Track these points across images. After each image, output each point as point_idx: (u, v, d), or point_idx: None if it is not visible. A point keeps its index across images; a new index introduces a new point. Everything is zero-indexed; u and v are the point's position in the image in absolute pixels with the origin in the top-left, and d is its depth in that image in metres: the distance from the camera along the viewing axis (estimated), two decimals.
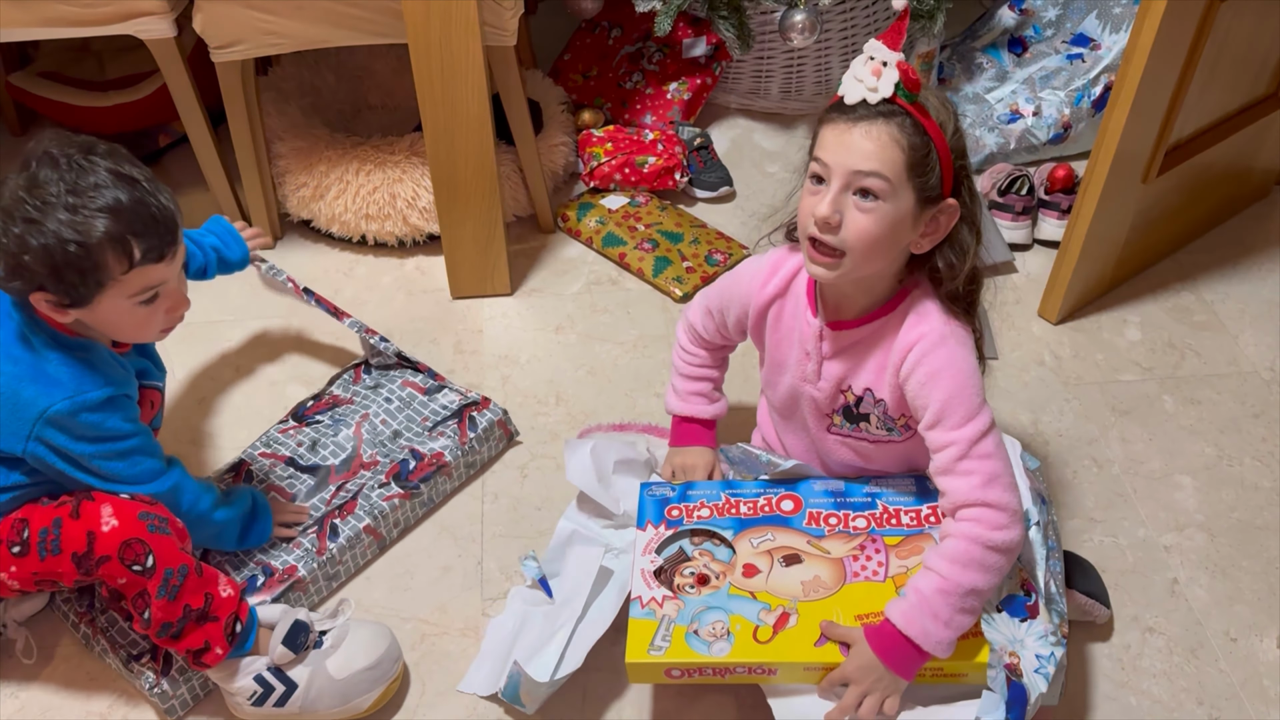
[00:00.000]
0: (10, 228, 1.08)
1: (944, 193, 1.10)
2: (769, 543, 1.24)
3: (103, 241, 1.08)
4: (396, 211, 1.87)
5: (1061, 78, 2.12)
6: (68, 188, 1.07)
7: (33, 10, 1.64)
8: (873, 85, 1.04)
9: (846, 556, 1.22)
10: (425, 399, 1.58)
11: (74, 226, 1.07)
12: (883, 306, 1.17)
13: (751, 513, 1.28)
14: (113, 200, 1.08)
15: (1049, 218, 1.94)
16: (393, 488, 1.46)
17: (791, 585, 1.20)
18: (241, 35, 1.68)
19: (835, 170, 1.07)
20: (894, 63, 1.04)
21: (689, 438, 1.40)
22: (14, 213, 1.08)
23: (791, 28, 2.02)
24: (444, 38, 1.56)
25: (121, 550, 1.15)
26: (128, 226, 1.09)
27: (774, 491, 1.30)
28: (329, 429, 1.55)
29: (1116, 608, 1.39)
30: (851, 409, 1.23)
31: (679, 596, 1.19)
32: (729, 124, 2.27)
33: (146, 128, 2.10)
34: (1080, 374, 1.72)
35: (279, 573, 1.36)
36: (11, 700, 1.30)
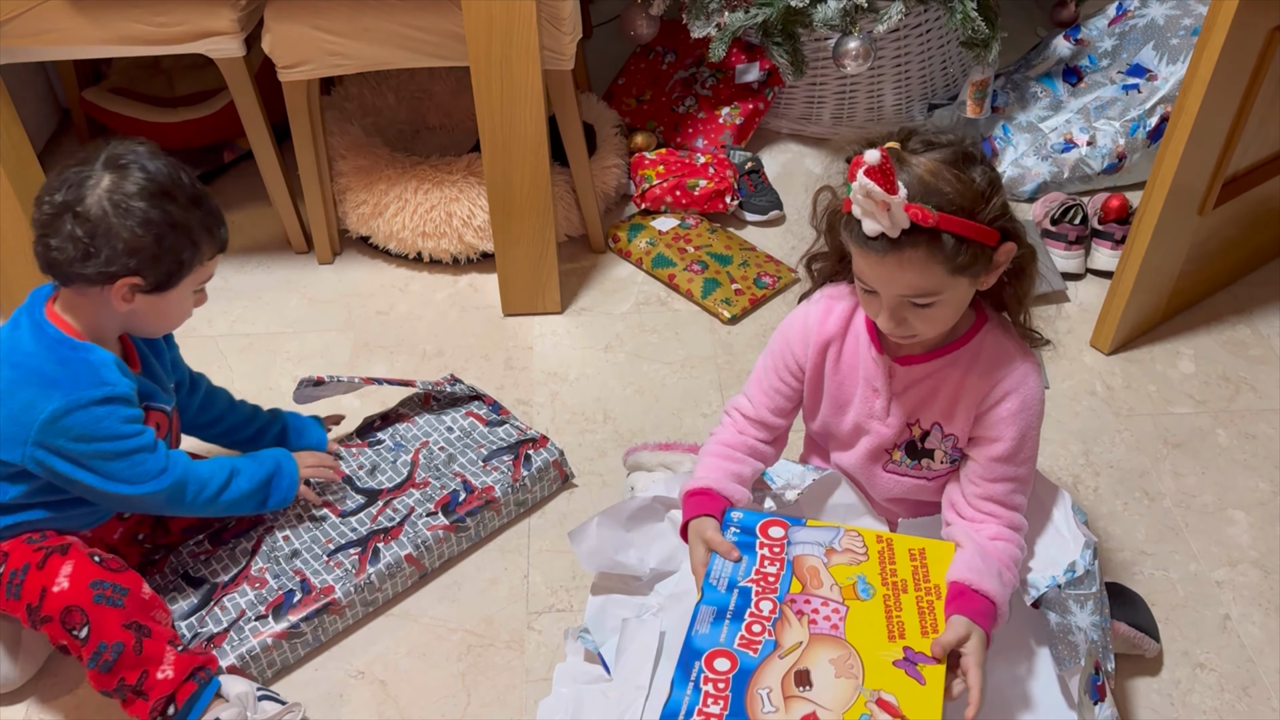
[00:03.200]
0: (149, 213, 1.16)
1: (992, 245, 1.06)
2: (774, 694, 1.06)
3: (207, 231, 1.22)
4: (452, 229, 1.90)
5: (1117, 108, 2.12)
6: (189, 183, 1.21)
7: (109, 28, 1.70)
8: (887, 224, 1.00)
9: (810, 628, 1.10)
10: (486, 430, 1.58)
11: (198, 218, 1.21)
12: (955, 341, 1.15)
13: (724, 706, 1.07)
14: (203, 194, 1.22)
15: (1102, 247, 1.93)
16: (440, 518, 1.45)
17: (835, 691, 1.05)
18: (308, 56, 1.73)
19: (883, 293, 1.07)
20: (898, 207, 0.98)
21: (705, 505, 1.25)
22: (151, 203, 1.17)
23: (845, 54, 2.03)
24: (504, 61, 1.59)
25: (63, 614, 1.18)
26: (216, 219, 1.24)
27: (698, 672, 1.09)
28: (389, 453, 1.55)
29: (1166, 642, 1.37)
30: (916, 444, 1.20)
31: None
32: (780, 148, 2.29)
33: (212, 144, 2.16)
34: (1133, 405, 1.70)
35: (315, 591, 1.37)
36: (70, 696, 1.34)
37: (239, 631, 1.33)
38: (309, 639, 1.36)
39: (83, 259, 1.16)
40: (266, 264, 1.99)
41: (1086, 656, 1.14)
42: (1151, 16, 2.16)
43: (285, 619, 1.34)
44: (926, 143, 1.04)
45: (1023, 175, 2.11)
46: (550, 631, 1.40)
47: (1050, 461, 1.61)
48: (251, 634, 1.33)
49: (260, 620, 1.34)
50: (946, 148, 1.03)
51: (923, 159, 1.02)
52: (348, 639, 1.39)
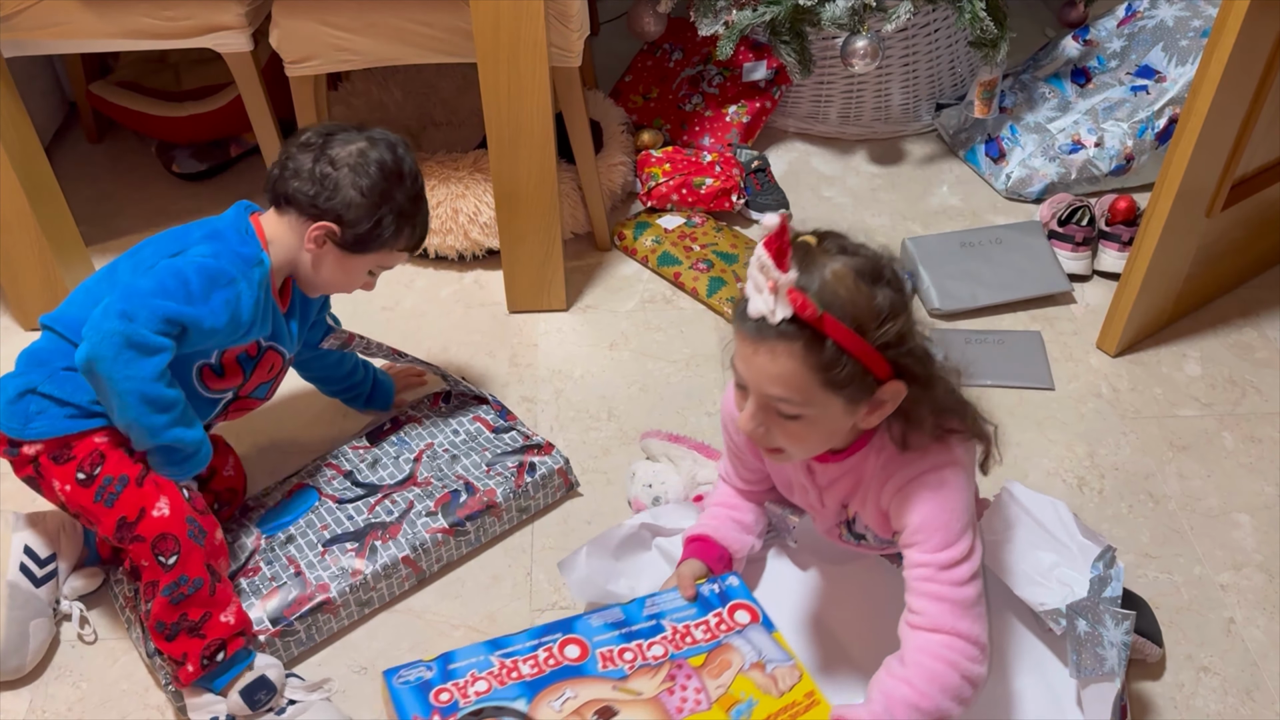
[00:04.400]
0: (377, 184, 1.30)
1: (880, 377, 0.99)
2: (572, 701, 1.07)
3: (411, 224, 1.37)
4: (458, 226, 1.90)
5: (1125, 109, 2.11)
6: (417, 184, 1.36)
7: (117, 22, 1.70)
8: (770, 307, 0.93)
9: (661, 692, 1.09)
10: (492, 436, 1.57)
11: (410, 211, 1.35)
12: (857, 442, 1.09)
13: (537, 670, 1.10)
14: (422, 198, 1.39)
15: (1109, 249, 1.92)
16: (439, 520, 1.43)
17: None
18: (315, 51, 1.73)
19: (750, 387, 1.00)
20: (784, 288, 0.92)
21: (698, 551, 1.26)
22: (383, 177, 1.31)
23: (853, 53, 2.03)
24: (512, 58, 1.59)
25: (156, 539, 1.23)
26: (422, 221, 1.40)
27: (551, 639, 1.14)
28: (392, 448, 1.55)
29: (1170, 645, 1.37)
30: (852, 526, 1.18)
31: None
32: (787, 147, 2.29)
33: (218, 138, 2.16)
34: (1138, 408, 1.70)
35: (311, 588, 1.35)
36: (73, 689, 1.34)
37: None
38: (302, 638, 1.35)
39: (309, 189, 1.29)
40: None
41: (1121, 674, 1.12)
42: (1161, 18, 2.15)
43: (281, 618, 1.33)
44: (843, 248, 0.98)
45: (1030, 176, 2.11)
46: None
47: (1055, 463, 1.61)
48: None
49: (261, 615, 1.34)
50: (860, 258, 0.97)
51: (833, 261, 0.96)
52: (350, 634, 1.40)
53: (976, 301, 1.86)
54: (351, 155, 1.30)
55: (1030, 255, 1.91)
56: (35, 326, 1.82)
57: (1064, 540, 1.18)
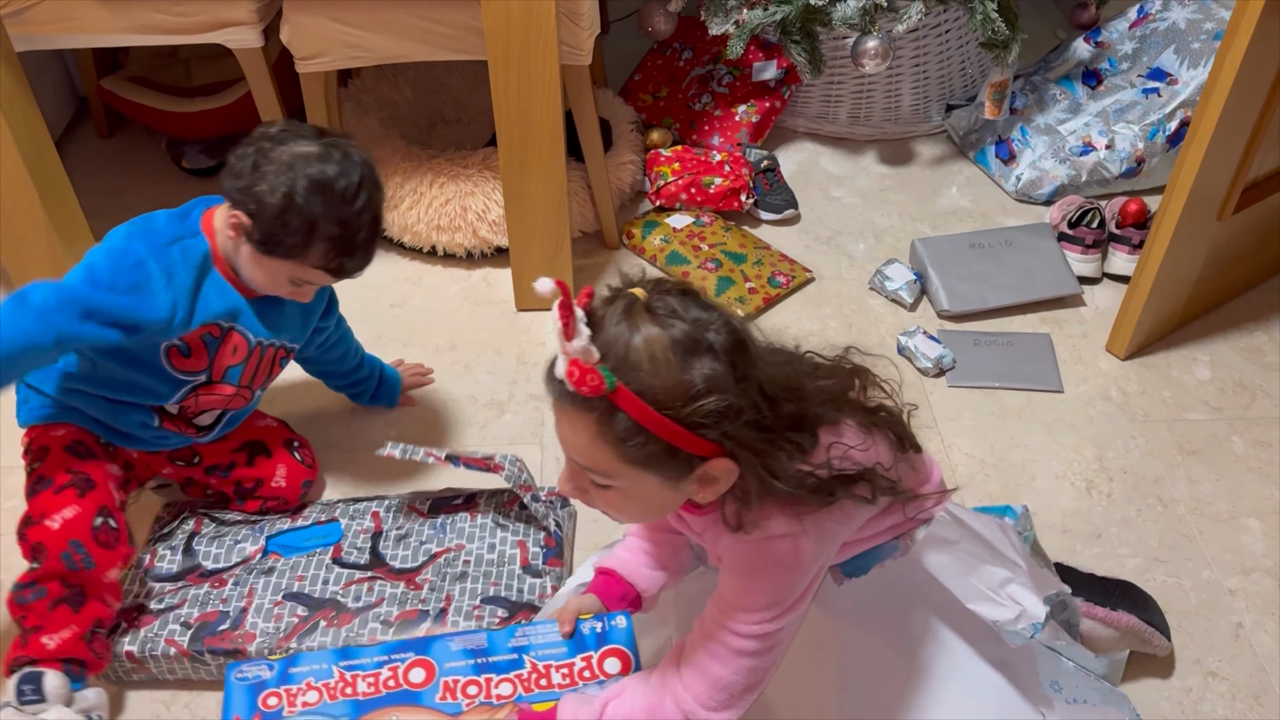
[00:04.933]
0: (298, 190, 1.22)
1: (703, 454, 0.89)
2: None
3: (327, 243, 1.25)
4: (467, 224, 1.90)
5: (1136, 111, 2.10)
6: (354, 208, 1.25)
7: (129, 17, 1.70)
8: (561, 373, 0.85)
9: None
10: (519, 572, 1.39)
11: (328, 230, 1.24)
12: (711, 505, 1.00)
13: (373, 690, 1.07)
14: (355, 224, 1.25)
15: (1119, 252, 1.92)
16: (384, 635, 1.31)
17: None
18: (326, 48, 1.73)
19: (564, 452, 0.93)
20: (566, 363, 0.84)
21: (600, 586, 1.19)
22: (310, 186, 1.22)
23: (864, 53, 2.02)
24: (523, 55, 1.59)
25: (35, 544, 1.25)
26: (344, 246, 1.26)
27: (401, 658, 1.09)
28: (431, 530, 1.44)
29: (1178, 650, 1.36)
30: None
31: None
32: (796, 147, 2.28)
33: (228, 134, 2.16)
34: (1148, 411, 1.70)
35: (237, 633, 1.30)
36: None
37: (164, 624, 1.31)
38: (214, 671, 1.31)
39: (234, 175, 1.25)
40: None
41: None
42: (1173, 20, 2.14)
43: (199, 642, 1.30)
44: (672, 311, 0.87)
45: (1040, 178, 2.10)
46: None
47: (1064, 466, 1.60)
48: (166, 635, 1.30)
49: (183, 627, 1.31)
50: (683, 325, 0.86)
51: (648, 328, 0.85)
52: None
53: (986, 303, 1.85)
54: (289, 156, 1.23)
55: (1040, 257, 1.91)
56: None
57: (1013, 558, 1.13)
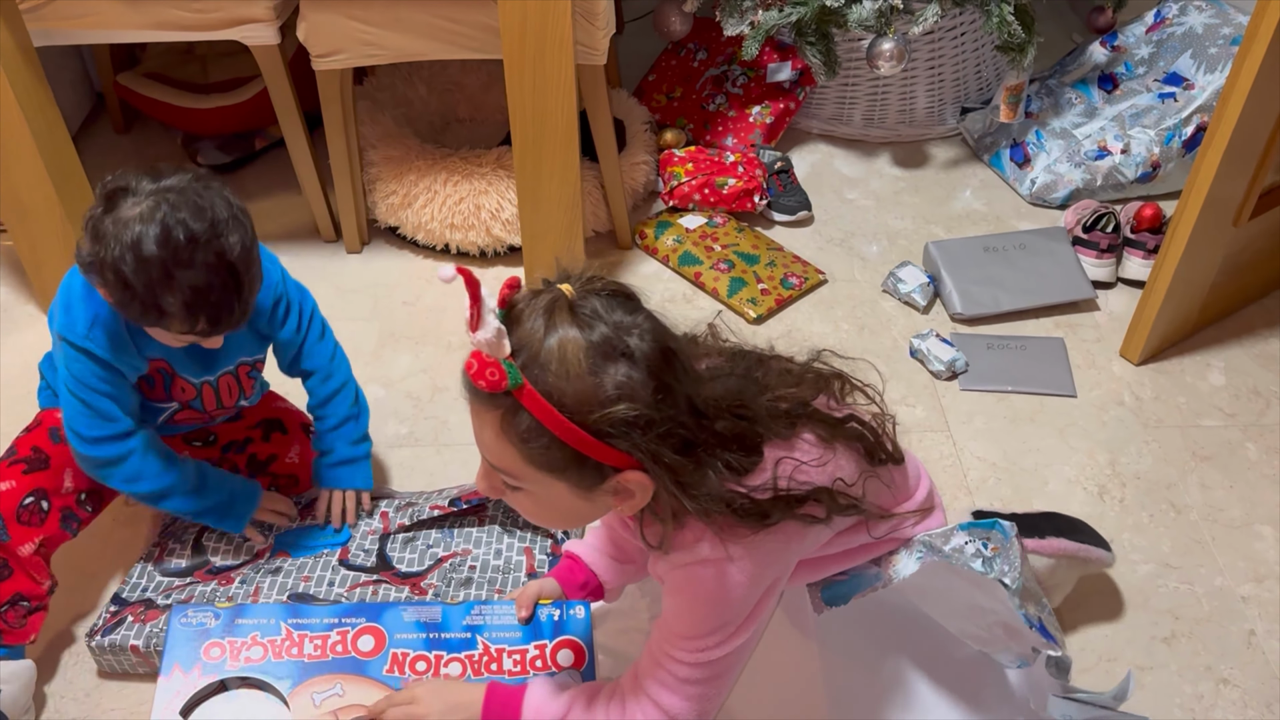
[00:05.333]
0: (125, 262, 1.10)
1: (616, 465, 0.86)
2: (335, 699, 1.01)
3: (179, 311, 1.14)
4: (480, 222, 1.90)
5: (1152, 116, 2.09)
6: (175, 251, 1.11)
7: (147, 13, 1.71)
8: (469, 362, 0.82)
9: None
10: (523, 580, 1.37)
11: (168, 290, 1.12)
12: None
13: (319, 653, 1.03)
14: (205, 285, 1.13)
15: (1134, 256, 1.91)
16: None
17: None
18: (342, 45, 1.74)
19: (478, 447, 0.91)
20: (470, 354, 0.81)
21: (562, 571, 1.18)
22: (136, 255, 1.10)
23: (879, 55, 2.02)
24: (538, 55, 1.59)
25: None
26: (198, 311, 1.14)
27: (352, 623, 1.06)
28: (439, 534, 1.43)
29: (1190, 657, 1.36)
30: None
31: None
32: (810, 149, 2.28)
33: (244, 131, 2.17)
34: (1161, 416, 1.69)
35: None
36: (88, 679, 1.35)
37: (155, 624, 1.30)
38: None
39: (82, 244, 1.15)
40: (295, 252, 2.00)
41: None
42: (1190, 25, 2.13)
43: None
44: (594, 312, 0.84)
45: (1055, 182, 2.09)
46: None
47: (1076, 471, 1.60)
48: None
49: None
50: (603, 329, 0.83)
51: (567, 328, 0.83)
52: None
53: (999, 307, 1.85)
54: (116, 224, 1.11)
55: (1054, 261, 1.90)
56: None
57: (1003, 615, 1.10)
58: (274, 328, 1.37)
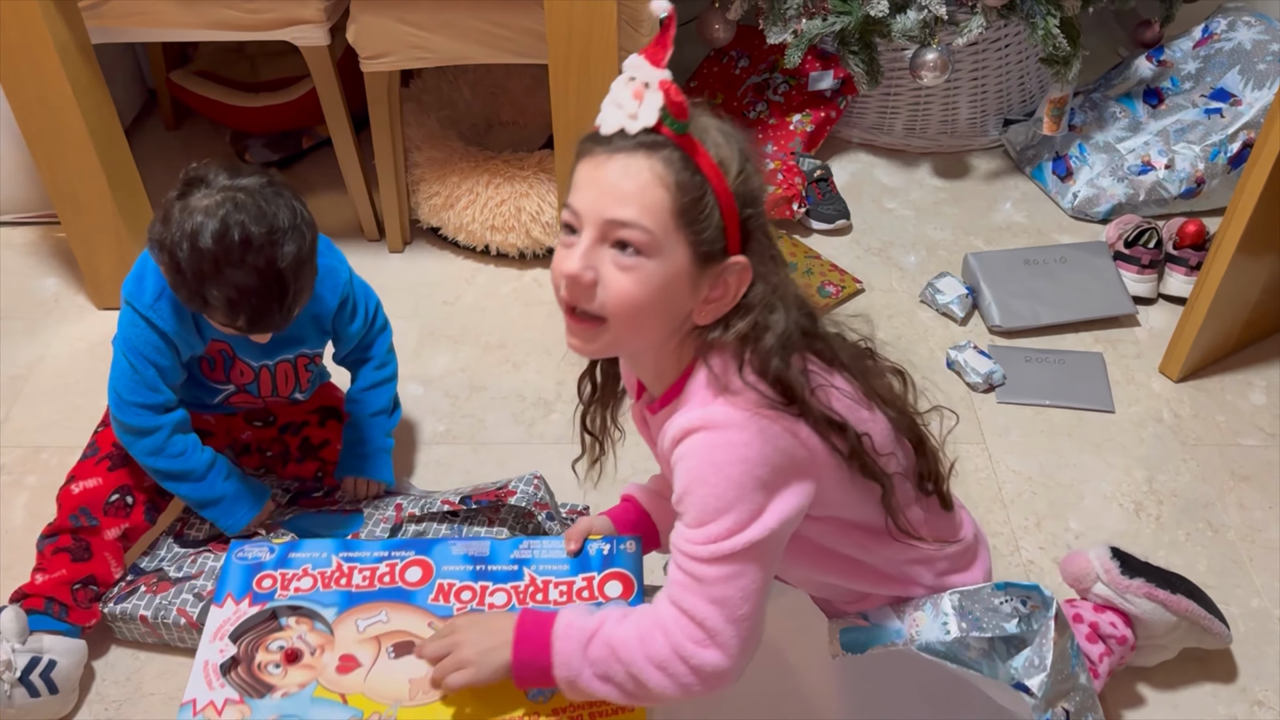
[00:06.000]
0: (180, 249, 1.16)
1: (729, 248, 0.88)
2: (379, 625, 1.03)
3: (227, 305, 1.19)
4: (521, 225, 1.92)
5: (1197, 132, 2.08)
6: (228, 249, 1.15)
7: (201, 13, 1.74)
8: (632, 111, 0.84)
9: None
10: None
11: (215, 283, 1.17)
12: (675, 384, 0.96)
13: (366, 584, 1.06)
14: (250, 286, 1.17)
15: (1176, 273, 1.90)
16: None
17: (396, 683, 0.98)
18: (391, 48, 1.76)
19: (586, 216, 0.87)
20: (656, 83, 0.83)
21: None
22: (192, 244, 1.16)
23: (923, 65, 2.02)
24: (583, 60, 1.61)
25: (59, 498, 1.37)
26: (238, 311, 1.19)
27: (401, 556, 1.09)
28: (446, 534, 1.42)
29: (1224, 677, 1.35)
30: None
31: (246, 700, 0.97)
32: (850, 158, 2.28)
33: (291, 129, 2.21)
34: (1200, 435, 1.67)
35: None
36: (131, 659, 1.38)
37: (178, 593, 1.34)
38: None
39: (153, 224, 1.21)
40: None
41: None
42: (1238, 40, 2.11)
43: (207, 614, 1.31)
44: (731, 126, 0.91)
45: (1098, 196, 2.08)
46: None
47: (1113, 487, 1.59)
48: (179, 604, 1.33)
49: (195, 598, 1.33)
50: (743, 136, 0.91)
51: (721, 123, 0.90)
52: None
53: (1038, 320, 1.84)
54: (183, 211, 1.17)
55: (1095, 276, 1.89)
56: (110, 305, 1.87)
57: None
58: (340, 324, 1.43)
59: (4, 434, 1.66)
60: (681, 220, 0.86)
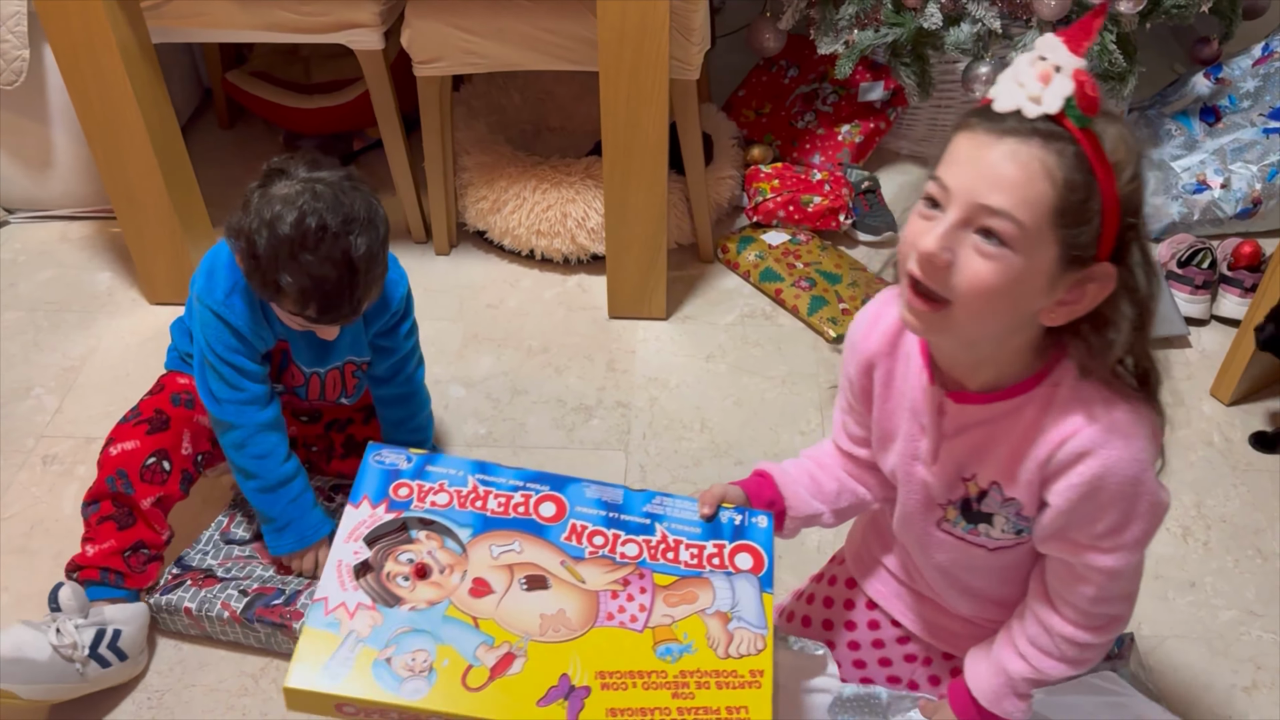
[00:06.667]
0: (259, 235, 1.20)
1: (1099, 254, 0.82)
2: (512, 555, 1.01)
3: (299, 293, 1.22)
4: (566, 230, 1.93)
5: (1255, 151, 2.04)
6: (303, 236, 1.19)
7: (258, 15, 1.77)
8: (1035, 93, 0.77)
9: (604, 591, 0.99)
10: None
11: (296, 281, 1.20)
12: (1021, 383, 0.90)
13: (501, 510, 1.04)
14: (323, 275, 1.21)
15: (1230, 294, 1.86)
16: None
17: (527, 617, 0.96)
18: (444, 53, 1.78)
19: (956, 196, 0.81)
20: (1070, 70, 0.77)
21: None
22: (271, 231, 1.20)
23: (975, 79, 2.00)
24: (634, 69, 1.61)
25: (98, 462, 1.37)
26: (310, 299, 1.22)
27: (536, 488, 1.06)
28: None
29: (1270, 708, 1.32)
30: (972, 504, 0.97)
31: (379, 607, 0.95)
32: (899, 169, 2.27)
33: (343, 131, 2.23)
34: (1251, 460, 1.64)
35: (290, 610, 1.34)
36: (174, 650, 1.40)
37: (223, 588, 1.37)
38: (260, 638, 1.37)
39: (234, 211, 1.25)
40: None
41: None
42: None
43: (251, 610, 1.35)
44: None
45: (1151, 214, 2.05)
46: None
47: None
48: (223, 599, 1.36)
49: (240, 594, 1.37)
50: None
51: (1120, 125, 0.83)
52: None
53: None
54: (263, 199, 1.22)
55: None
56: (162, 300, 1.91)
57: None
58: (395, 339, 1.44)
59: (56, 424, 1.69)
60: (1059, 220, 0.79)
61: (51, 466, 1.62)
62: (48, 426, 1.69)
